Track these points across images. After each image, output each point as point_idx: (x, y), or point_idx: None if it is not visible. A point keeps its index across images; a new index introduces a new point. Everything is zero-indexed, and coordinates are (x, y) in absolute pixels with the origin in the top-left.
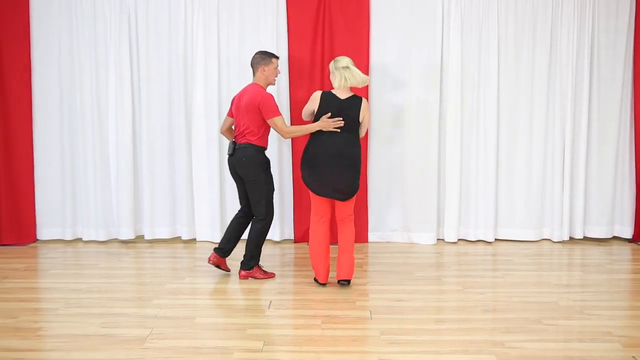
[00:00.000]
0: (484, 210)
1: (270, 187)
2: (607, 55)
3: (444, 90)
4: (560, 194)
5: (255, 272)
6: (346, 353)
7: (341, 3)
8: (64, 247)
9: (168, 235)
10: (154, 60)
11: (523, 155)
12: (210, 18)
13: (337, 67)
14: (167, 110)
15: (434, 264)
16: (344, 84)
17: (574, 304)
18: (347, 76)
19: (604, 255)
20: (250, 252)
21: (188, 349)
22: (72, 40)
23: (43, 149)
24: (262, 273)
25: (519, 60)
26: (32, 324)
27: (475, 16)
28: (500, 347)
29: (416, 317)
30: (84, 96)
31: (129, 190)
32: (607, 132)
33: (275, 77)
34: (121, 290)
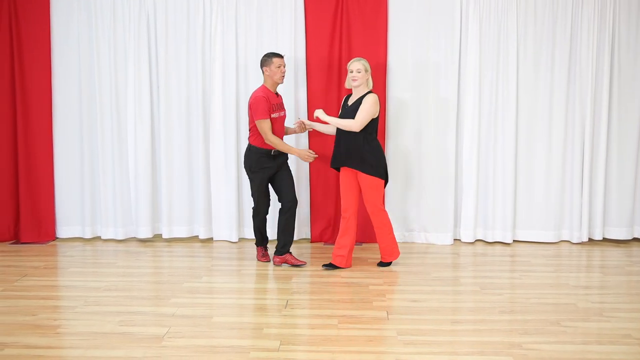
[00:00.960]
0: (501, 210)
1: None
2: (627, 54)
3: (462, 89)
4: (580, 194)
5: (288, 258)
6: (362, 353)
7: (359, 2)
8: (83, 245)
9: (185, 235)
10: (173, 60)
11: (542, 155)
12: (229, 18)
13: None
14: (185, 110)
15: (451, 264)
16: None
17: (592, 306)
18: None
19: (623, 256)
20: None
21: (205, 347)
22: (91, 41)
23: (63, 149)
24: (294, 259)
25: (538, 59)
26: (51, 321)
27: (494, 14)
28: (518, 349)
29: (433, 318)
30: (103, 96)
31: (147, 189)
32: (627, 131)
33: (281, 75)
34: (139, 289)
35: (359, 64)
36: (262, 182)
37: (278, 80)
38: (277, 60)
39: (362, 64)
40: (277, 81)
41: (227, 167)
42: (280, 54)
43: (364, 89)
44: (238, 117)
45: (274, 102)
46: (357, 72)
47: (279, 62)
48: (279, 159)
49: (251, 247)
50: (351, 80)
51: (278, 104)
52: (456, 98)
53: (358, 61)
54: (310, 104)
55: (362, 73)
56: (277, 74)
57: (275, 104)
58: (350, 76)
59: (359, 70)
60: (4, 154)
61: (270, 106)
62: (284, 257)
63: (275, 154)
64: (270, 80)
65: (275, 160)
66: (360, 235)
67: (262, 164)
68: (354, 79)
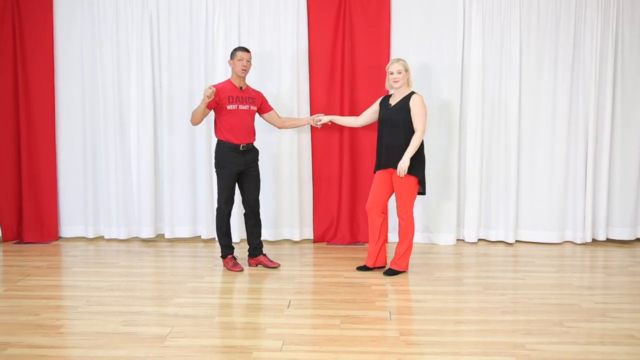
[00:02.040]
0: (504, 211)
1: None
2: (631, 53)
3: (465, 89)
4: (583, 195)
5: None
6: (365, 353)
7: (362, 2)
8: (86, 245)
9: (188, 235)
10: (175, 58)
11: (545, 155)
12: (231, 17)
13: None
14: (188, 110)
15: (453, 264)
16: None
17: (596, 307)
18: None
19: (627, 257)
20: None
21: (207, 347)
22: (94, 41)
23: (66, 149)
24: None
25: (541, 60)
26: (54, 321)
27: (497, 15)
28: (521, 349)
29: (436, 318)
30: (106, 96)
31: (150, 189)
32: (630, 131)
33: (240, 68)
34: (141, 289)
35: (399, 65)
36: (229, 178)
37: (238, 73)
38: (239, 53)
39: (402, 65)
40: (238, 74)
41: None
42: (246, 48)
43: (406, 88)
44: None
45: (233, 95)
46: (398, 73)
47: (240, 55)
48: (248, 155)
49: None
50: (392, 82)
51: (241, 97)
52: (459, 98)
53: (397, 62)
54: (313, 102)
55: (403, 74)
56: (238, 66)
57: (236, 97)
58: (392, 78)
59: (399, 71)
60: (7, 154)
61: (224, 98)
62: (257, 258)
63: (244, 149)
64: (233, 73)
65: (244, 156)
66: (364, 236)
67: (228, 159)
68: (395, 80)
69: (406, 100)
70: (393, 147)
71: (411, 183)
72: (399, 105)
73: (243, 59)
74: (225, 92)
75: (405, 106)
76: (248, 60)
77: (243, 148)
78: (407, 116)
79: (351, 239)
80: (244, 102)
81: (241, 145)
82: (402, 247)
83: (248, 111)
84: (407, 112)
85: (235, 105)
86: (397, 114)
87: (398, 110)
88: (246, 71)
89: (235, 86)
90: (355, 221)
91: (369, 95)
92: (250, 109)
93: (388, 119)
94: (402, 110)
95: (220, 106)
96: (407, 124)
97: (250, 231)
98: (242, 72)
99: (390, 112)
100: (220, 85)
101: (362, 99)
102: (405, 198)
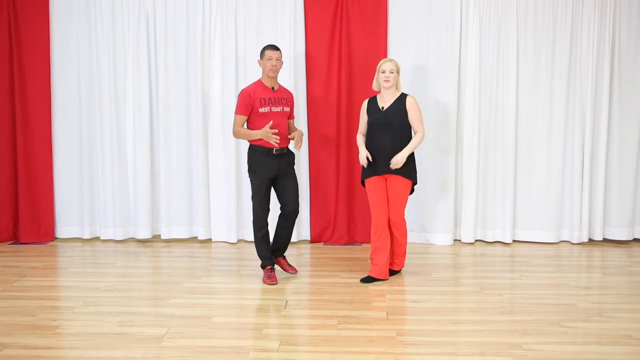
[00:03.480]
0: (501, 211)
1: (254, 190)
2: (628, 53)
3: (462, 89)
4: (580, 195)
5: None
6: (362, 354)
7: (359, 2)
8: (82, 245)
9: (185, 235)
10: (172, 59)
11: (542, 155)
12: (228, 17)
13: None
14: (185, 110)
15: (451, 265)
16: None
17: (593, 306)
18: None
19: (624, 257)
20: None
21: (204, 348)
22: (90, 41)
23: (62, 149)
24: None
25: (538, 59)
26: (50, 321)
27: (494, 16)
28: (518, 349)
29: (433, 319)
30: (102, 96)
31: (147, 190)
32: (627, 131)
33: (270, 68)
34: (138, 289)
35: (391, 64)
36: (262, 184)
37: (268, 73)
38: (268, 52)
39: (394, 65)
40: (268, 74)
41: (227, 167)
42: (276, 46)
43: (395, 90)
44: None
45: (264, 97)
46: (390, 72)
47: (269, 54)
48: (282, 159)
49: (251, 247)
50: (383, 81)
51: (273, 99)
52: (456, 99)
53: (390, 61)
54: (310, 103)
55: (395, 74)
56: (267, 66)
57: (268, 98)
58: (382, 77)
59: (391, 70)
60: (3, 155)
61: (256, 100)
62: (277, 259)
63: (278, 152)
64: (263, 73)
65: (278, 161)
66: (361, 236)
67: (261, 164)
68: (386, 79)
69: (401, 103)
70: (390, 152)
71: (407, 187)
72: (393, 109)
73: (272, 57)
74: (257, 94)
75: (401, 109)
76: (277, 58)
77: (277, 152)
78: (404, 120)
79: (348, 239)
80: (277, 103)
81: (274, 150)
82: (401, 250)
83: (281, 113)
84: (403, 115)
85: (268, 108)
86: (393, 117)
87: (394, 113)
88: (276, 71)
89: (267, 87)
90: (353, 221)
91: (366, 96)
92: (283, 111)
93: (383, 123)
94: (398, 114)
95: (252, 110)
96: (404, 127)
97: (280, 233)
98: (272, 72)
99: (384, 116)
100: (251, 87)
101: (359, 99)
102: (401, 202)
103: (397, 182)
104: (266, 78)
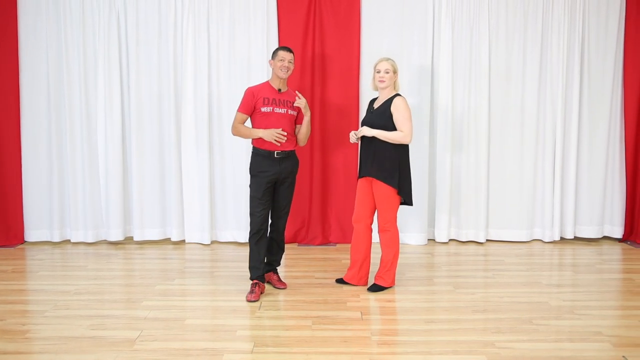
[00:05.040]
0: (474, 210)
1: (251, 193)
2: (597, 56)
3: (435, 90)
4: (551, 194)
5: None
6: (337, 354)
7: (332, 3)
8: (52, 248)
9: (158, 237)
10: (144, 60)
11: (514, 155)
12: (200, 18)
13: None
14: (157, 111)
15: (425, 264)
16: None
17: (564, 304)
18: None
19: (594, 255)
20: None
21: (178, 350)
22: (60, 41)
23: (31, 151)
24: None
25: (510, 60)
26: (19, 326)
27: (467, 18)
28: (491, 348)
29: (407, 318)
30: (73, 97)
31: (118, 191)
32: (597, 132)
33: (279, 69)
34: (110, 292)
35: (387, 63)
36: (259, 188)
37: (278, 73)
38: (281, 53)
39: (390, 64)
40: (278, 75)
41: (200, 168)
42: (289, 48)
43: (391, 91)
44: (210, 118)
45: (269, 97)
46: (385, 72)
47: (282, 55)
48: (284, 162)
49: (224, 248)
50: (378, 82)
51: (278, 100)
52: (429, 99)
53: (386, 61)
54: None
55: (390, 74)
56: (277, 66)
57: (272, 99)
58: (378, 77)
59: (387, 70)
60: None
61: (259, 100)
62: (267, 274)
63: (280, 155)
64: (272, 74)
65: (280, 165)
66: (335, 236)
67: (261, 167)
68: (381, 79)
69: (388, 105)
70: (372, 155)
71: (389, 193)
72: (380, 110)
73: (284, 59)
74: (261, 93)
75: (387, 111)
76: (290, 61)
77: (278, 155)
78: (389, 122)
79: (322, 240)
80: (281, 105)
81: (276, 152)
82: (387, 260)
83: (285, 115)
84: (388, 117)
85: (270, 108)
86: (378, 119)
87: (379, 115)
88: (287, 72)
89: (273, 88)
90: (327, 222)
91: (339, 96)
92: (288, 113)
93: (368, 124)
94: (383, 115)
95: (255, 109)
96: (387, 130)
97: (269, 244)
98: (282, 73)
99: (371, 117)
100: (257, 87)
101: (333, 100)
102: (383, 208)
103: (377, 186)
104: (275, 79)
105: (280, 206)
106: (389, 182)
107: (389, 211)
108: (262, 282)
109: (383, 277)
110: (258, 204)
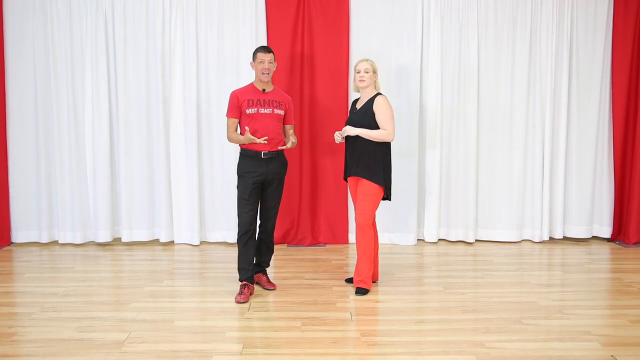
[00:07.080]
0: (464, 210)
1: (238, 194)
2: (585, 56)
3: (424, 89)
4: (540, 194)
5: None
6: (326, 355)
7: (321, 3)
8: (40, 250)
9: (146, 238)
10: (131, 60)
11: (503, 156)
12: (189, 18)
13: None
14: (145, 111)
15: (414, 264)
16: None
17: (553, 304)
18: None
19: (583, 254)
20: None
21: (167, 352)
22: (47, 41)
23: (18, 151)
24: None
25: (499, 60)
26: (6, 329)
27: (456, 15)
28: (481, 348)
29: (397, 318)
30: (60, 97)
31: (107, 192)
32: (586, 133)
33: (260, 71)
34: (98, 294)
35: (366, 64)
36: (246, 188)
37: (259, 76)
38: (259, 55)
39: (370, 64)
40: (259, 77)
41: (188, 169)
42: (268, 48)
43: (372, 90)
44: (199, 118)
45: (253, 98)
46: (365, 72)
47: (260, 57)
48: (272, 163)
49: (214, 249)
50: (358, 82)
51: (262, 100)
52: (419, 100)
53: (366, 61)
54: None
55: (370, 74)
56: (258, 69)
57: (256, 100)
58: (357, 77)
59: (367, 70)
60: None
61: (243, 102)
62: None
63: (267, 156)
64: (255, 76)
65: (267, 166)
66: (325, 237)
67: (247, 168)
68: (361, 79)
69: (370, 104)
70: (357, 155)
71: (370, 189)
72: (363, 110)
73: (264, 61)
74: (245, 96)
75: (369, 110)
76: (270, 61)
77: (265, 156)
78: (372, 121)
79: (312, 240)
80: (266, 105)
81: (262, 153)
82: (358, 260)
83: (271, 115)
84: (371, 116)
85: (255, 109)
86: (361, 118)
87: (362, 114)
88: (268, 74)
89: (257, 89)
90: (316, 222)
91: (328, 96)
92: (274, 113)
93: (352, 124)
94: (365, 114)
95: (241, 112)
96: (371, 129)
97: (259, 245)
98: (264, 76)
99: (354, 117)
100: (240, 89)
101: (322, 100)
102: (361, 204)
103: (363, 184)
104: (258, 81)
105: (269, 207)
106: (375, 180)
107: (364, 206)
108: (251, 283)
109: (361, 277)
110: (245, 204)
